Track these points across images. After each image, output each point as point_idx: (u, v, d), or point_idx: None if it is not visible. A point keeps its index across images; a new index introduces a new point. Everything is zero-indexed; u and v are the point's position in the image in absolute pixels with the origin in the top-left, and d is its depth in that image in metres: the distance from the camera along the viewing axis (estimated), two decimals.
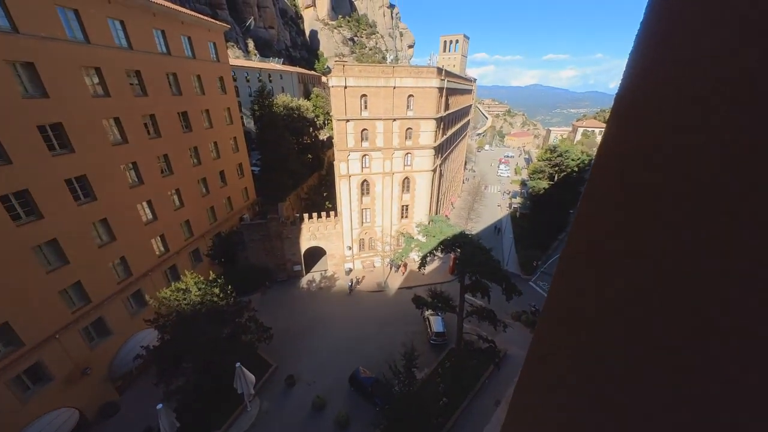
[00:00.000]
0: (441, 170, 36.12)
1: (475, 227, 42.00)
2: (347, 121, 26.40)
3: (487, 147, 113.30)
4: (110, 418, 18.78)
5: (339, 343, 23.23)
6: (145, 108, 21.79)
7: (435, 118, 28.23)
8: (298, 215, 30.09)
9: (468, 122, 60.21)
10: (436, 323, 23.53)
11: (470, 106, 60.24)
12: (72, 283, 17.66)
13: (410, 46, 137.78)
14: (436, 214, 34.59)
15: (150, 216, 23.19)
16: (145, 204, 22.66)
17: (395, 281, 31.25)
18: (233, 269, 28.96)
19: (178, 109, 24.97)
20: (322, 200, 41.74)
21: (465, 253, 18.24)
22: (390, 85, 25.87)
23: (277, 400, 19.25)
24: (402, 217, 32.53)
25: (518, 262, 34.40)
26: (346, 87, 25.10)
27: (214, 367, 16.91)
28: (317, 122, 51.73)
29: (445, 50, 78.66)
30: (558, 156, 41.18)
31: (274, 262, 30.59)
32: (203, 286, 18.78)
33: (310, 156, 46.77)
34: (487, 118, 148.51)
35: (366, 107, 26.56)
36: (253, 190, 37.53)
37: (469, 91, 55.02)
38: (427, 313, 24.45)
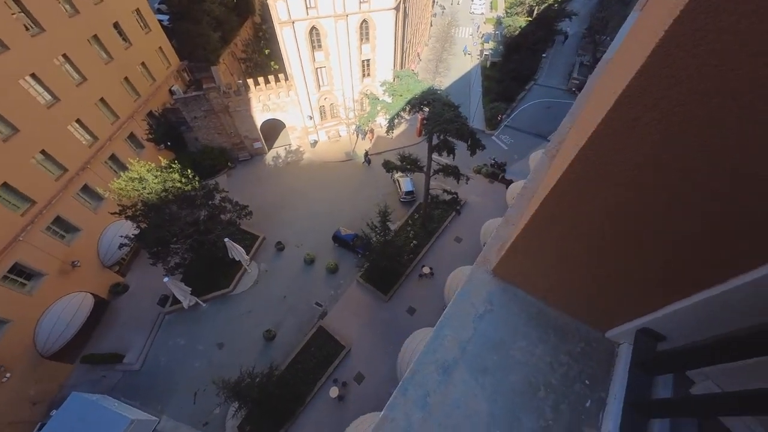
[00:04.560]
0: (405, 8, 29.57)
1: (443, 82, 38.95)
2: None
3: None
4: (122, 295, 21.16)
5: (317, 211, 25.03)
6: None
7: None
8: (240, 82, 25.50)
9: None
10: (405, 184, 25.31)
11: None
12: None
13: None
14: (402, 69, 30.82)
15: (47, 96, 18.54)
16: (30, 79, 17.61)
17: (363, 148, 30.98)
18: (186, 154, 26.58)
19: None
20: (266, 60, 34.72)
21: (434, 111, 17.51)
22: None
23: (272, 262, 22.16)
24: (364, 75, 28.79)
25: (484, 117, 34.40)
26: None
27: (204, 245, 18.19)
28: None
29: None
30: None
31: (229, 141, 28.11)
32: (158, 173, 17.58)
33: None
34: None
35: None
36: (173, 52, 29.77)
37: None
38: (397, 175, 25.77)
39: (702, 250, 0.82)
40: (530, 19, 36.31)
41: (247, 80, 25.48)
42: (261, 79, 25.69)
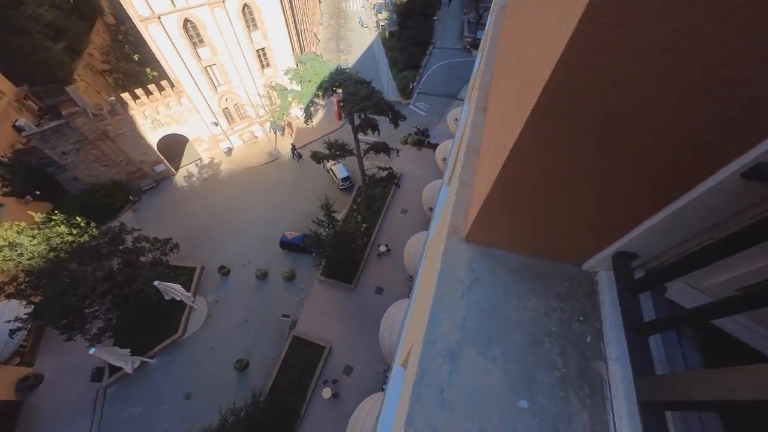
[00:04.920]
0: None
1: (349, 59, 38.05)
2: None
3: None
4: (37, 388, 17.21)
5: (255, 222, 23.18)
6: None
7: None
8: (113, 99, 21.25)
9: None
10: (339, 171, 24.78)
11: None
12: None
13: None
14: (302, 53, 29.08)
15: None
16: None
17: (286, 144, 29.13)
18: (67, 199, 21.73)
19: None
20: (139, 68, 29.37)
21: (348, 91, 17.11)
22: None
23: (220, 290, 20.11)
24: (263, 66, 26.45)
25: (397, 88, 34.95)
26: None
27: (130, 297, 15.56)
28: None
29: None
30: None
31: (122, 171, 23.74)
32: (36, 232, 14.11)
33: None
34: None
35: None
36: (2, 78, 23.15)
37: None
38: (329, 164, 25.04)
39: (659, 173, 0.87)
40: None
41: (121, 95, 21.34)
42: (139, 91, 21.74)
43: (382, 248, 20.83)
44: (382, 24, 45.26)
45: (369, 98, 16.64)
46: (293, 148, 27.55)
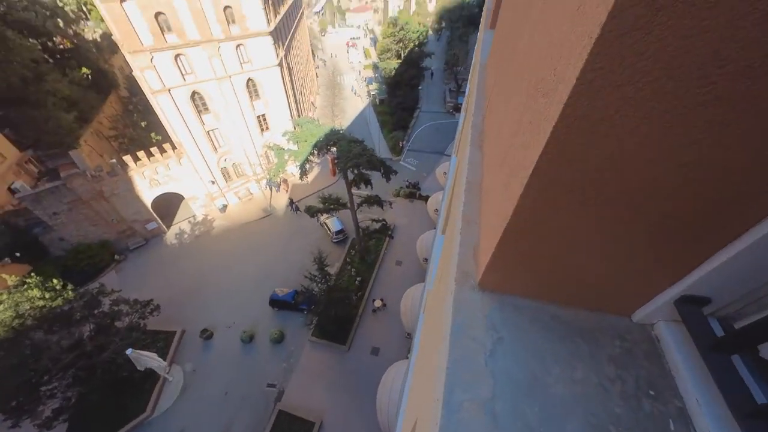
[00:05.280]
0: (288, 64, 30.95)
1: (342, 122, 41.22)
2: (122, 0, 17.48)
3: (330, 29, 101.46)
4: None
5: (245, 279, 22.19)
6: None
7: None
8: (114, 161, 21.93)
9: None
10: (333, 224, 24.82)
11: None
12: None
13: None
14: (299, 117, 31.49)
15: None
16: None
17: (281, 200, 29.61)
18: (48, 261, 20.85)
19: None
20: (144, 134, 31.05)
21: (341, 149, 18.05)
22: None
23: (200, 357, 18.23)
24: (263, 129, 28.26)
25: (388, 146, 37.27)
26: None
27: (97, 369, 13.85)
28: (65, 9, 32.68)
29: None
30: (400, 30, 41.05)
31: (112, 231, 23.33)
32: (4, 297, 13.11)
33: (86, 72, 31.16)
34: None
35: None
36: (7, 144, 24.02)
37: None
38: (323, 218, 25.16)
39: (739, 186, 0.65)
40: (400, 61, 42.38)
41: (123, 158, 22.09)
42: (141, 154, 22.62)
43: (378, 303, 19.78)
44: (373, 93, 50.44)
45: (362, 155, 17.48)
46: (291, 202, 27.96)
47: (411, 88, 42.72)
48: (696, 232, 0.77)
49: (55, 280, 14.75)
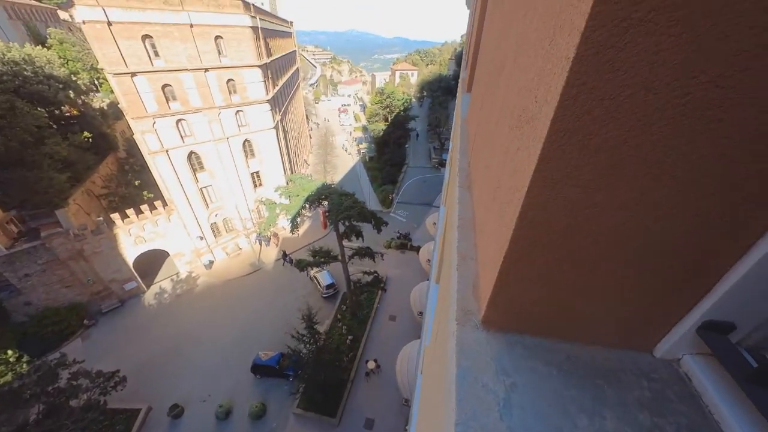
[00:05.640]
0: (284, 126, 33.29)
1: (334, 178, 42.91)
2: (133, 75, 19.19)
3: (323, 98, 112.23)
4: None
5: (225, 343, 20.37)
6: None
7: (259, 66, 24.53)
8: (100, 219, 21.60)
9: (297, 71, 56.32)
10: (323, 278, 24.00)
11: (294, 52, 55.83)
12: None
13: None
14: (293, 173, 32.73)
15: None
16: None
17: (270, 255, 28.98)
18: (7, 328, 18.94)
19: None
20: (136, 191, 31.29)
21: (333, 202, 18.42)
22: (184, 21, 19.88)
23: None
24: (256, 186, 28.98)
25: (378, 199, 38.37)
26: (110, 23, 17.52)
27: None
28: (78, 82, 35.39)
29: None
30: (387, 98, 45.89)
31: (85, 292, 21.85)
32: None
33: (88, 135, 32.54)
34: (315, 67, 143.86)
35: (158, 54, 19.86)
36: None
37: (289, 35, 50.19)
38: (313, 272, 24.42)
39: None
40: (387, 123, 46.62)
41: (110, 216, 21.84)
42: (131, 211, 22.47)
43: (371, 364, 18.17)
44: (363, 152, 53.89)
45: (353, 207, 17.81)
46: (284, 254, 27.33)
47: (398, 146, 46.02)
48: (706, 244, 0.72)
49: (10, 351, 13.19)
